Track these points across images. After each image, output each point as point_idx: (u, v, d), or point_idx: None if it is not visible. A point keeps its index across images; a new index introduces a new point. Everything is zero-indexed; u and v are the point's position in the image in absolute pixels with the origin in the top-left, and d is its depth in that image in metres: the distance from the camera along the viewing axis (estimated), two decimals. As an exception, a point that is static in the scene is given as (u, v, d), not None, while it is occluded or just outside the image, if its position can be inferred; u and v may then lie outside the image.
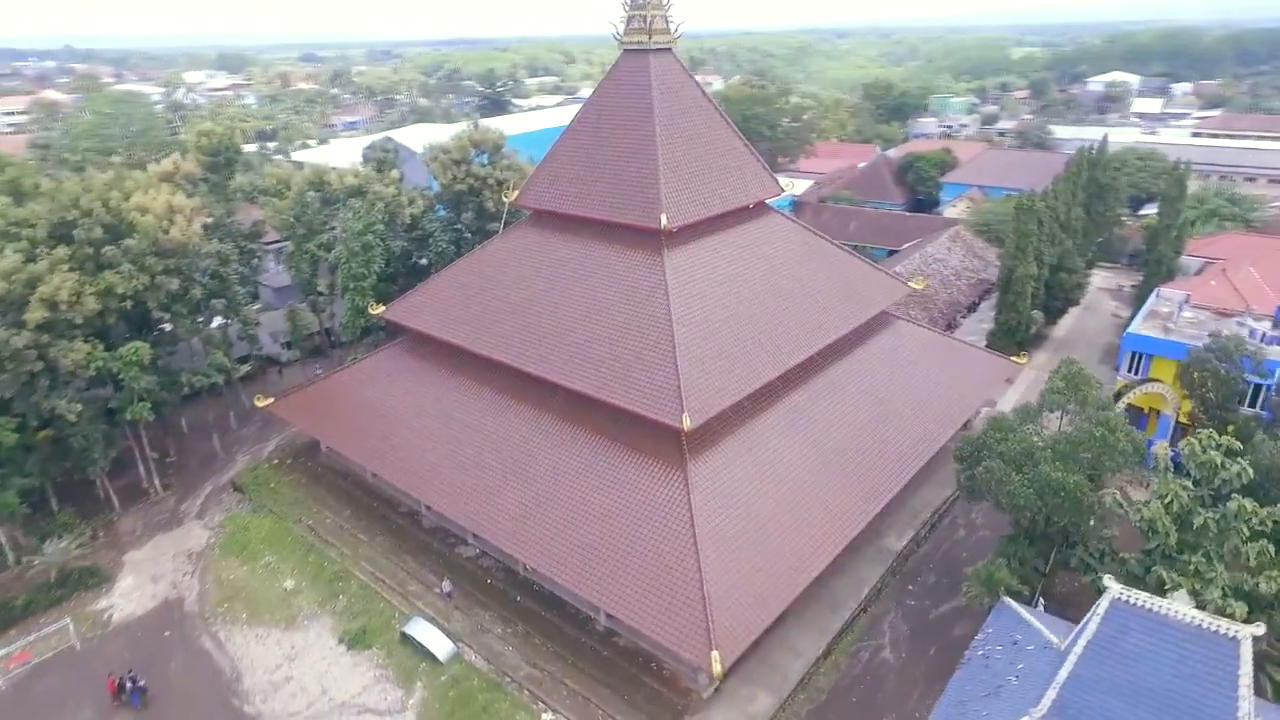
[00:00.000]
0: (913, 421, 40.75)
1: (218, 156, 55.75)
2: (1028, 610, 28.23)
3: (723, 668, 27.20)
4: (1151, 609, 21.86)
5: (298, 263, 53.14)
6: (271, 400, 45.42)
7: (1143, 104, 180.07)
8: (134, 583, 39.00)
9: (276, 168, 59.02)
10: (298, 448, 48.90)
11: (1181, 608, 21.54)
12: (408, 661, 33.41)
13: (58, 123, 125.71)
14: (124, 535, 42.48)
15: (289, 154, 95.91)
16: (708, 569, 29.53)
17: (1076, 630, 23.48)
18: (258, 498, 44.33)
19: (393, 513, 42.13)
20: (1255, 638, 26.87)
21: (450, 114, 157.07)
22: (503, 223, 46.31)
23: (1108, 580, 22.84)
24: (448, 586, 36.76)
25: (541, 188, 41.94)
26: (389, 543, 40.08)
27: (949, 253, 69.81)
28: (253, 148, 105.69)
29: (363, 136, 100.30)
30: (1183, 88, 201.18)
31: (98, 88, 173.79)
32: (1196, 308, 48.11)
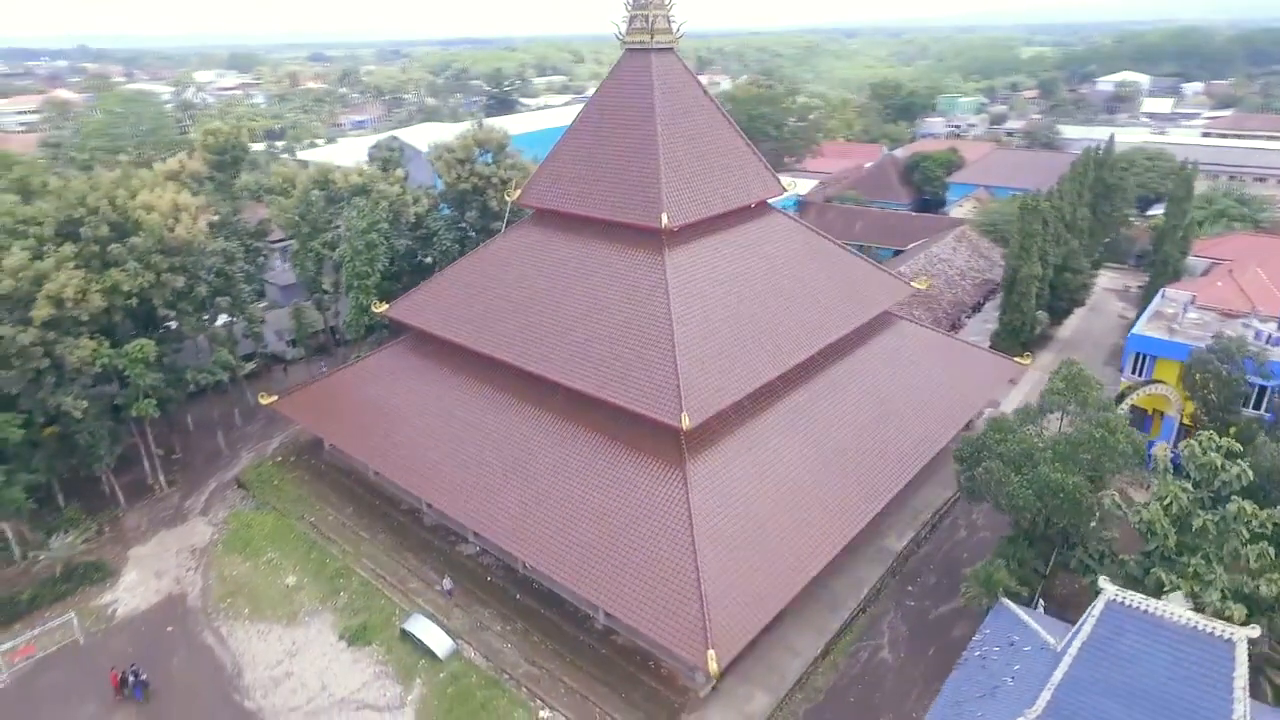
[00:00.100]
0: (914, 422, 40.68)
1: (224, 155, 56.09)
2: (1025, 611, 28.19)
3: (719, 667, 27.23)
4: (1147, 610, 21.81)
5: (302, 261, 53.40)
6: (275, 398, 45.71)
7: (1153, 104, 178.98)
8: (138, 578, 39.33)
9: (282, 166, 59.32)
10: (301, 445, 49.18)
11: (1176, 609, 21.48)
12: (407, 658, 33.58)
13: (69, 122, 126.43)
14: (129, 531, 42.83)
15: (295, 153, 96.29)
16: (705, 568, 29.58)
17: (1072, 631, 23.44)
18: (261, 494, 44.61)
19: (394, 510, 42.34)
20: (1254, 640, 27.10)
21: (458, 113, 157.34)
22: (505, 222, 46.47)
23: (1103, 582, 22.80)
24: (448, 584, 36.91)
25: (543, 187, 42.06)
26: (390, 540, 40.27)
27: (954, 253, 69.60)
28: (261, 147, 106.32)
29: (370, 135, 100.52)
30: (1193, 87, 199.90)
31: (109, 87, 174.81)
32: (1202, 309, 47.80)
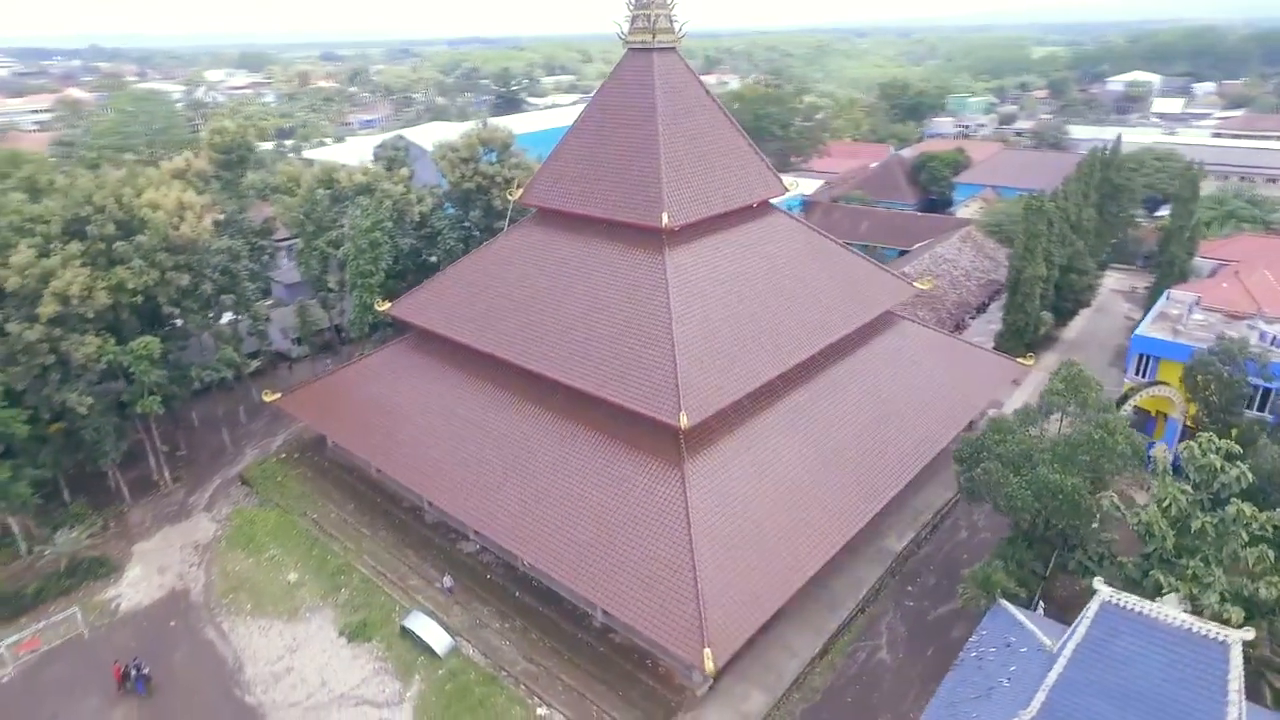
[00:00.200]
0: (915, 422, 40.59)
1: (230, 154, 56.55)
2: (1023, 612, 28.11)
3: (715, 665, 27.28)
4: (1141, 612, 21.72)
5: (307, 259, 53.69)
6: (279, 395, 45.99)
7: (1164, 104, 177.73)
8: (142, 573, 39.67)
9: (288, 165, 59.67)
10: (305, 442, 49.46)
11: (1171, 611, 21.38)
12: (406, 655, 33.75)
13: (82, 120, 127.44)
14: (134, 526, 43.19)
15: (301, 152, 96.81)
16: (702, 567, 29.62)
17: (1067, 633, 23.36)
18: (264, 491, 44.90)
19: (396, 508, 42.54)
20: (1254, 643, 26.94)
21: (466, 113, 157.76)
22: (508, 221, 46.60)
23: (1097, 583, 22.72)
24: (449, 582, 37.05)
25: (545, 186, 42.17)
26: (391, 537, 40.47)
27: (959, 253, 69.37)
28: (270, 146, 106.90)
29: (379, 135, 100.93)
30: (1205, 87, 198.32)
31: (121, 86, 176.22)
32: (1207, 310, 47.52)
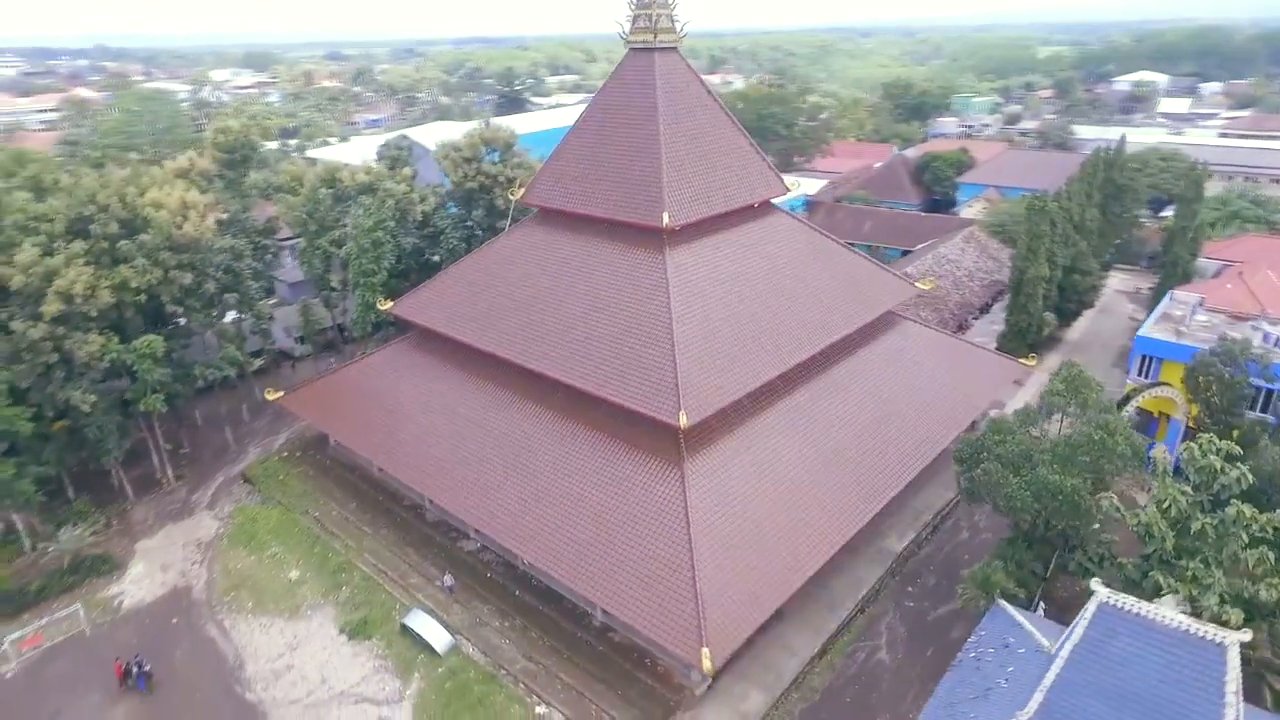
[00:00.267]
0: (916, 423, 40.54)
1: (234, 153, 56.71)
2: (1021, 613, 28.08)
3: (713, 664, 27.32)
4: (1139, 613, 21.68)
5: (310, 259, 53.85)
6: (281, 394, 46.14)
7: (1170, 104, 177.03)
8: (144, 570, 39.86)
9: (291, 165, 59.83)
10: (307, 441, 49.61)
11: (1168, 612, 21.35)
12: (406, 653, 33.86)
13: (88, 120, 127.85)
14: (136, 524, 43.40)
15: (304, 151, 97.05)
16: (701, 566, 29.65)
17: (1065, 634, 23.33)
18: (266, 489, 45.06)
19: (397, 506, 42.66)
20: (1255, 645, 26.86)
21: (470, 112, 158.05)
22: (509, 220, 46.67)
23: (1094, 584, 22.69)
24: (449, 581, 37.12)
25: (547, 186, 42.23)
26: (392, 535, 40.58)
27: (962, 253, 69.23)
28: (274, 145, 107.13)
29: (384, 134, 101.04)
30: (1212, 87, 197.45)
31: (127, 86, 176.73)
32: (1211, 311, 47.38)
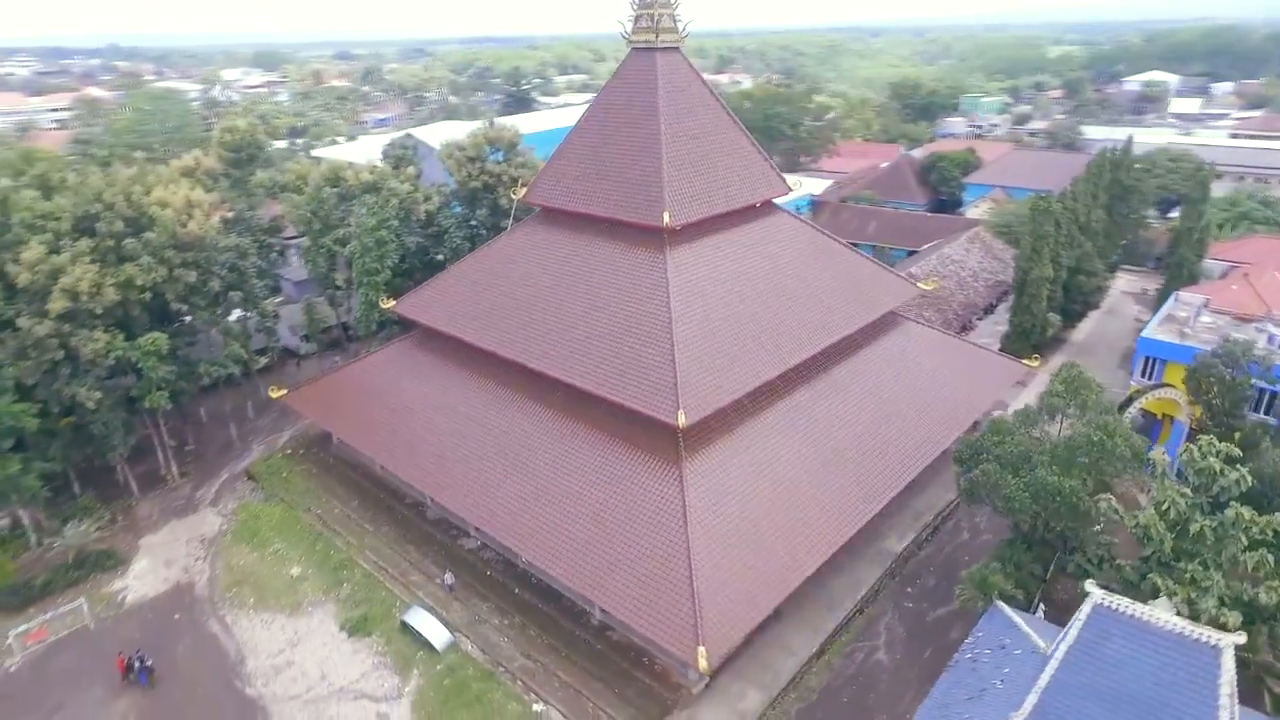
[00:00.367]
0: (917, 423, 40.45)
1: (240, 152, 57.11)
2: (1019, 615, 28.01)
3: (709, 663, 27.36)
4: (1133, 615, 21.62)
5: (314, 257, 54.15)
6: (285, 391, 46.41)
7: (1181, 104, 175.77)
8: (148, 566, 40.18)
9: (296, 164, 60.17)
10: (311, 438, 49.89)
11: (1163, 614, 21.28)
12: (406, 650, 34.03)
13: (99, 119, 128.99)
14: (141, 520, 43.75)
15: (309, 151, 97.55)
16: (698, 565, 29.68)
17: (1060, 635, 23.29)
18: (270, 486, 45.35)
19: (398, 504, 42.86)
20: (1255, 648, 26.73)
21: (477, 112, 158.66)
22: (511, 219, 46.80)
23: (1089, 585, 22.65)
24: (449, 579, 37.27)
25: (549, 185, 42.34)
26: (394, 533, 40.79)
27: (967, 254, 69.01)
28: (283, 144, 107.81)
29: (392, 133, 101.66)
30: (1224, 87, 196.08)
31: (138, 85, 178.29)
32: (1216, 312, 47.08)
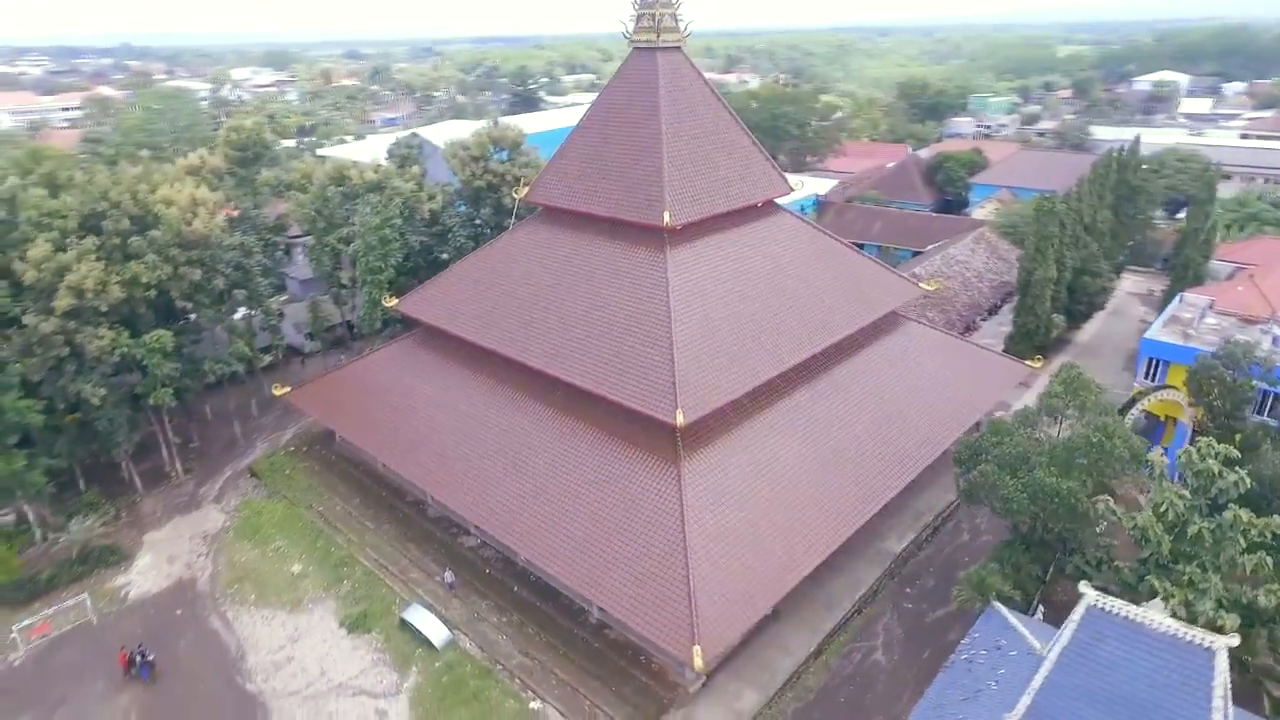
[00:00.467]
0: (917, 424, 40.36)
1: (246, 151, 57.44)
2: (1016, 616, 27.94)
3: (705, 662, 27.41)
4: (1127, 617, 21.55)
5: (319, 256, 54.46)
6: (288, 389, 46.67)
7: (1191, 104, 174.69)
8: (151, 562, 40.49)
9: (301, 163, 60.48)
10: (314, 436, 50.15)
11: (1157, 616, 21.20)
12: (405, 647, 34.19)
13: (110, 118, 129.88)
14: (145, 516, 44.08)
15: (318, 149, 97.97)
16: (695, 564, 29.72)
17: (1054, 637, 23.23)
18: (272, 483, 45.62)
19: (400, 501, 43.06)
20: (1251, 650, 26.61)
21: (484, 111, 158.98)
22: (513, 218, 46.94)
23: (1083, 587, 22.59)
24: (450, 577, 37.40)
25: (550, 184, 42.45)
26: (394, 530, 40.97)
27: (972, 254, 68.80)
28: (291, 143, 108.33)
29: (400, 132, 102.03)
30: (1235, 87, 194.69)
31: (149, 84, 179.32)
32: (1221, 314, 46.86)
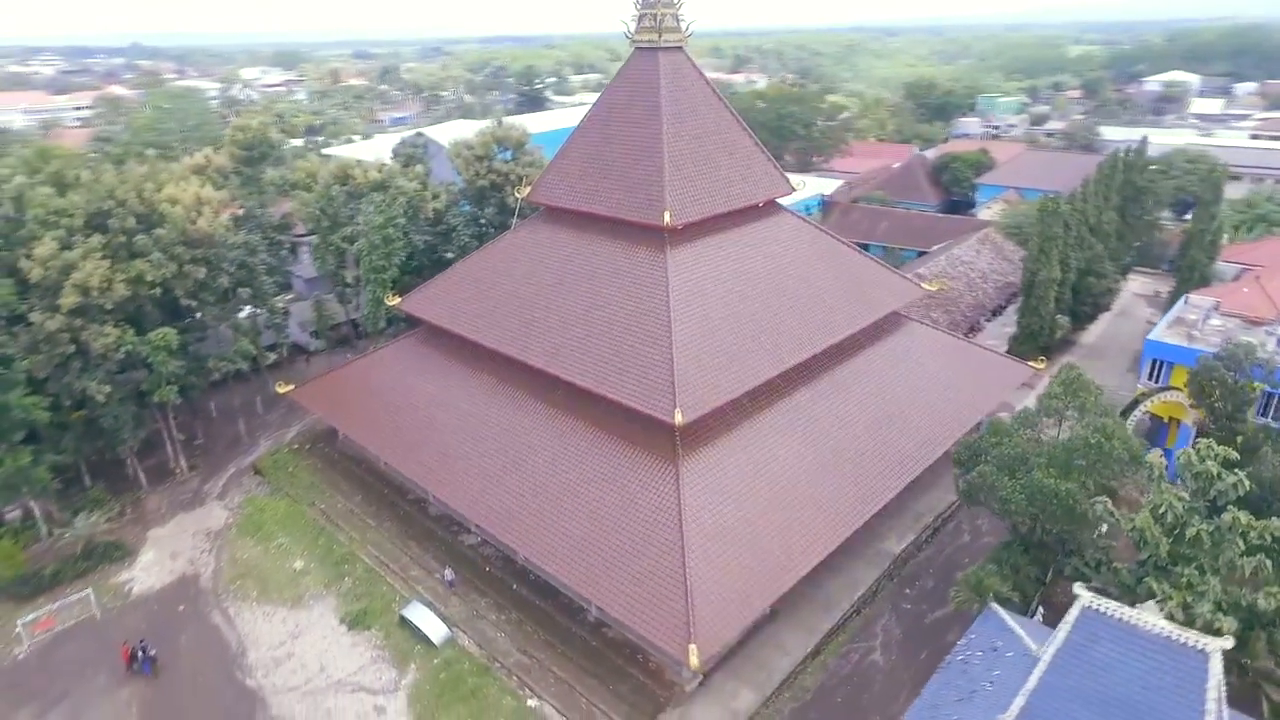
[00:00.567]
0: (918, 424, 40.27)
1: (252, 150, 57.77)
2: (1013, 617, 27.90)
3: (700, 661, 27.45)
4: (1121, 619, 21.49)
5: (323, 255, 54.74)
6: (292, 387, 46.94)
7: (1202, 104, 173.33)
8: (155, 558, 40.82)
9: (305, 162, 60.78)
10: (317, 433, 50.42)
11: (1152, 618, 21.14)
12: (404, 644, 34.38)
13: (121, 117, 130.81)
14: (149, 512, 44.44)
15: (324, 148, 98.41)
16: (692, 563, 29.77)
17: (1049, 638, 23.18)
18: (275, 481, 45.92)
19: (401, 499, 43.26)
20: (1251, 654, 26.45)
21: (491, 110, 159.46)
22: (515, 218, 47.11)
23: (1077, 588, 22.54)
24: (450, 575, 37.57)
25: (552, 184, 42.57)
26: (395, 528, 41.17)
27: (977, 255, 68.55)
28: (299, 142, 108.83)
29: (408, 131, 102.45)
30: (1247, 87, 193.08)
31: (159, 84, 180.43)
32: (1226, 315, 46.58)
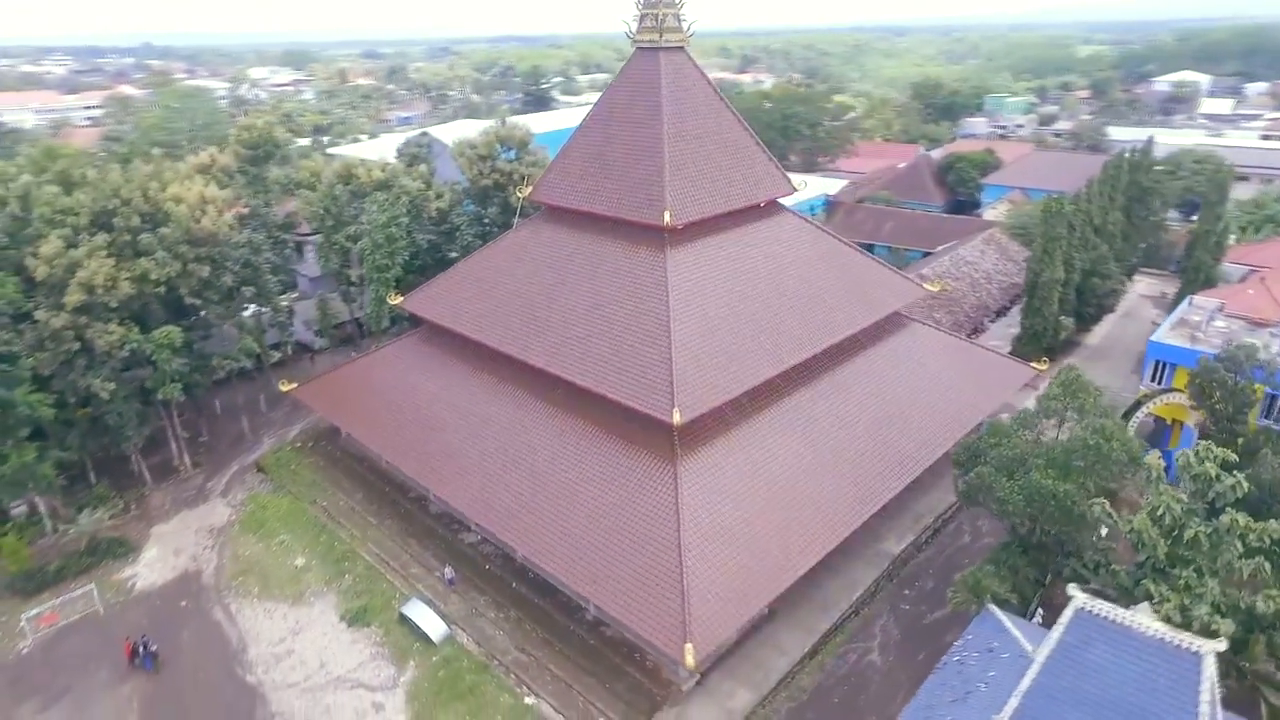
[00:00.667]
0: (918, 425, 40.23)
1: (257, 150, 58.03)
2: (1010, 618, 27.85)
3: (696, 660, 27.52)
4: (1115, 620, 21.46)
5: (327, 254, 54.99)
6: (295, 385, 47.19)
7: (1212, 104, 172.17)
8: (158, 554, 41.12)
9: (310, 161, 61.05)
10: (320, 431, 50.67)
11: (1145, 620, 21.09)
12: (403, 641, 34.55)
13: (130, 116, 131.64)
14: (153, 509, 44.75)
15: (330, 147, 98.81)
16: (689, 563, 29.83)
17: (1044, 639, 23.15)
18: (278, 478, 46.18)
19: (402, 497, 43.44)
20: (1250, 656, 26.35)
21: (497, 110, 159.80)
22: (517, 217, 47.25)
23: (1071, 589, 22.50)
24: (450, 573, 37.73)
25: (553, 183, 42.69)
26: (396, 526, 41.36)
27: (982, 255, 68.33)
28: (306, 141, 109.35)
29: (414, 130, 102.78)
30: (1257, 88, 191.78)
31: (169, 83, 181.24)
32: (1230, 317, 46.33)
